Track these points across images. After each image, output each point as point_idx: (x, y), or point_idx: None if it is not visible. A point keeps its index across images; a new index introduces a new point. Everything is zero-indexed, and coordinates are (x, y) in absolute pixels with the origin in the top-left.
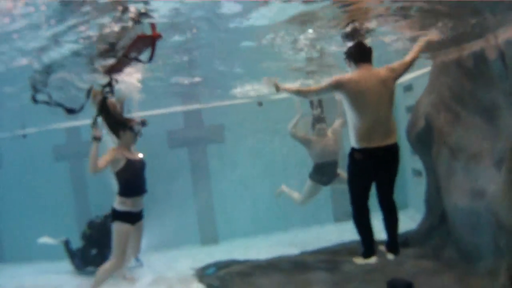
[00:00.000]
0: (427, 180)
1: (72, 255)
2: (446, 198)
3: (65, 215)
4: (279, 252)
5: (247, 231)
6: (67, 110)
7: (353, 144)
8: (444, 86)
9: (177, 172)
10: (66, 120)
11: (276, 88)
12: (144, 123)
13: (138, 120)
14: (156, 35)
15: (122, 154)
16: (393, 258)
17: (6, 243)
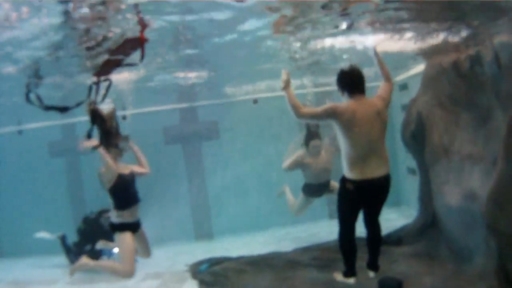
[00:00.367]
0: (420, 179)
1: (67, 250)
2: (438, 198)
3: (60, 210)
4: (272, 249)
5: (241, 227)
6: (60, 110)
7: (345, 173)
8: (439, 87)
9: (172, 168)
10: (62, 117)
11: (285, 84)
12: (127, 139)
13: (123, 136)
14: (143, 39)
15: (113, 170)
16: (374, 275)
17: (2, 238)
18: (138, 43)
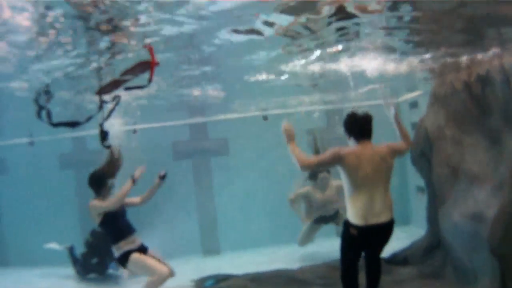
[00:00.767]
0: (428, 198)
1: (75, 261)
2: (445, 218)
3: (69, 222)
4: (279, 266)
5: (249, 243)
6: (70, 125)
7: (349, 217)
8: (449, 107)
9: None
10: (73, 129)
11: (288, 138)
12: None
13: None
14: (155, 62)
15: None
16: None
17: (11, 248)
18: (148, 66)
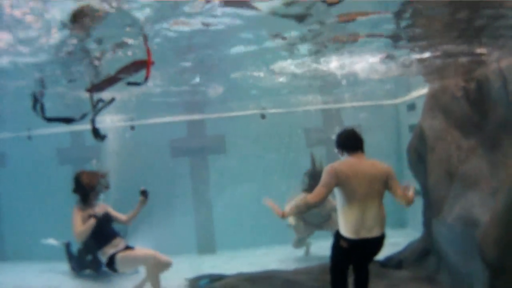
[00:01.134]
0: (424, 201)
1: (70, 257)
2: (440, 222)
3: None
4: (274, 266)
5: (245, 243)
6: (64, 121)
7: (340, 230)
8: (447, 111)
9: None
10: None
11: (278, 213)
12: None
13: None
14: (150, 62)
15: (85, 213)
16: None
17: (8, 242)
18: (143, 66)
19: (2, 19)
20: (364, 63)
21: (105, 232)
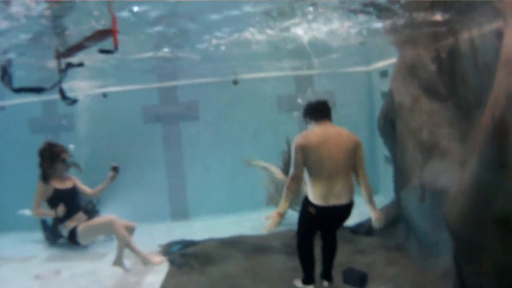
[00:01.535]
0: (394, 169)
1: (45, 227)
2: (409, 191)
3: None
4: (245, 231)
5: (219, 209)
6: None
7: (308, 196)
8: (418, 79)
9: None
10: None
11: (279, 215)
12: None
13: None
14: (116, 30)
15: (50, 185)
16: (327, 285)
17: None
18: (109, 34)
19: None
20: (332, 28)
21: (70, 207)
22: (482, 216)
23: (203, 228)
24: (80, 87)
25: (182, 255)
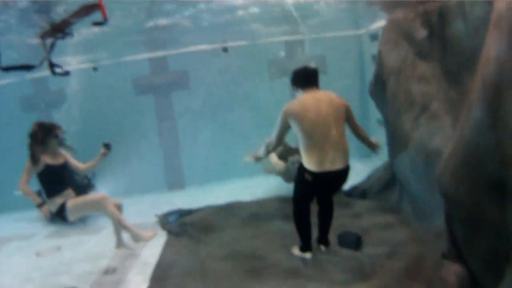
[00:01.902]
0: (387, 132)
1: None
2: (402, 154)
3: None
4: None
5: (213, 177)
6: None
7: (304, 163)
8: (408, 41)
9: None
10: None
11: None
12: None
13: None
14: (101, 5)
15: (41, 160)
16: (325, 249)
17: None
18: (94, 9)
19: None
20: None
21: (59, 182)
22: (474, 178)
23: (199, 197)
24: (70, 61)
25: (179, 225)
